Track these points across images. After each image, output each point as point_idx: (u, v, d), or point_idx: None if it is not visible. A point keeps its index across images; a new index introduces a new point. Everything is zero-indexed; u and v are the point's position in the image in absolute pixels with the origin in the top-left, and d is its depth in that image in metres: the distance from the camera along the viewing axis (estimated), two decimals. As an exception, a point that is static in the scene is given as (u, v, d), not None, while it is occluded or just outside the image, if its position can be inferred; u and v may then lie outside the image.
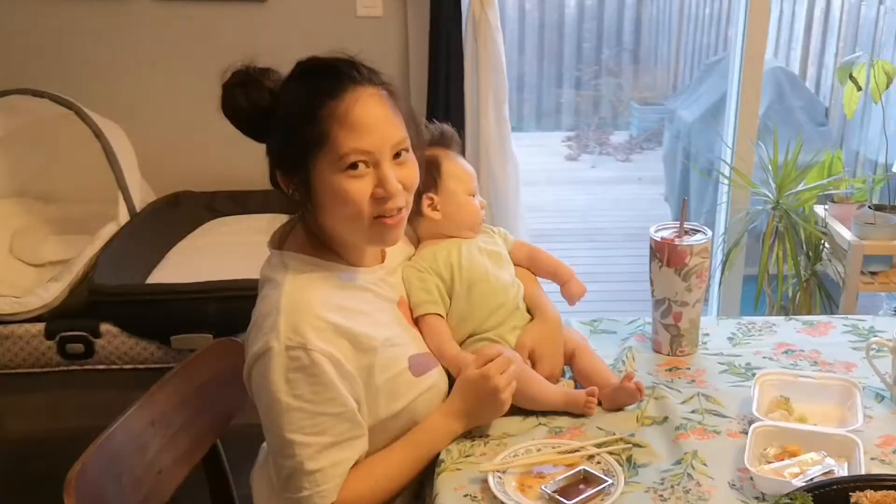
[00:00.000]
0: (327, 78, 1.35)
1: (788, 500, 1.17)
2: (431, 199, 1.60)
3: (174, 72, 2.92)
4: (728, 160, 3.06)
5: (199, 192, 2.87)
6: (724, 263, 2.84)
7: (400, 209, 1.39)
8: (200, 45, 2.84)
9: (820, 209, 2.92)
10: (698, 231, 1.73)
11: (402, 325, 1.51)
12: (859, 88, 2.65)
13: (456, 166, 1.63)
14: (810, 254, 2.81)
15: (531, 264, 1.74)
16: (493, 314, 1.59)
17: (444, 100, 2.77)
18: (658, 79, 7.64)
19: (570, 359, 1.64)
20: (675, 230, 1.73)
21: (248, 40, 2.84)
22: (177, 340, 2.19)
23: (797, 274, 2.76)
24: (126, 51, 2.95)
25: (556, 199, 5.93)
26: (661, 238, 1.70)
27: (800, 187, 2.82)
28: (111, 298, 2.23)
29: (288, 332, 1.31)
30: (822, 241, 2.84)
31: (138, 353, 2.24)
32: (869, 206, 2.73)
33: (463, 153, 1.69)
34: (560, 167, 6.96)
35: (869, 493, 1.19)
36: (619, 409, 1.55)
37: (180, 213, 2.73)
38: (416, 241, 1.67)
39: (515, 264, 1.71)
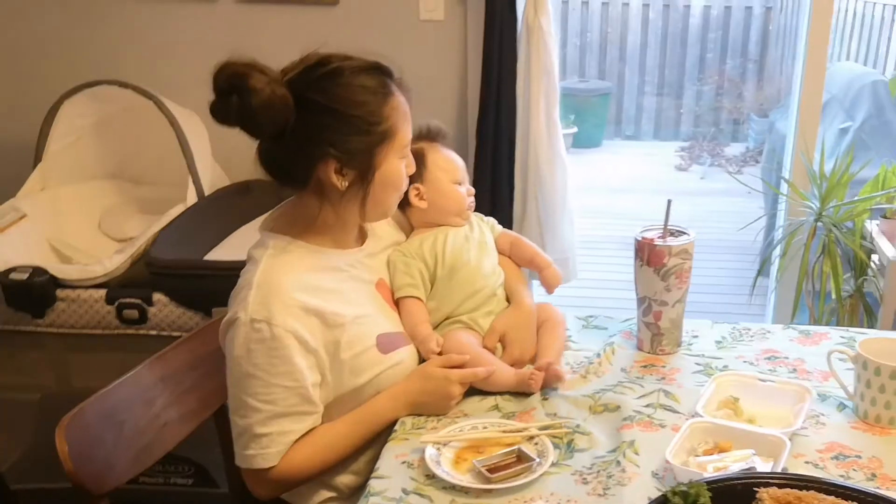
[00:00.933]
0: (381, 76, 1.50)
1: (684, 488, 1.21)
2: (418, 188, 1.71)
3: (253, 68, 3.11)
4: (788, 171, 3.02)
5: (271, 180, 3.05)
6: (759, 272, 2.82)
7: None
8: (276, 43, 2.92)
9: (871, 224, 2.84)
10: (684, 233, 1.77)
11: (376, 304, 1.63)
12: (915, 103, 2.57)
13: (440, 157, 1.74)
14: (855, 269, 2.75)
15: (512, 252, 1.83)
16: (469, 298, 1.69)
17: (495, 101, 2.85)
18: (782, 91, 7.43)
19: (538, 329, 1.74)
20: (660, 230, 1.78)
21: (320, 40, 3.00)
22: (216, 312, 2.37)
23: (837, 289, 2.71)
24: (208, 47, 3.12)
25: (654, 208, 5.87)
26: (643, 238, 1.75)
27: (846, 201, 2.76)
28: (162, 270, 2.44)
29: (255, 306, 1.44)
30: (871, 258, 2.77)
31: (184, 322, 2.45)
32: (918, 223, 2.66)
33: (507, 151, 1.78)
34: (668, 177, 6.90)
35: (772, 489, 1.21)
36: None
37: (249, 198, 2.90)
38: (409, 230, 1.78)
39: (500, 252, 1.81)
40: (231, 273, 1.58)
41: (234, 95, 1.39)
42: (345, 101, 1.45)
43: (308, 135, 1.44)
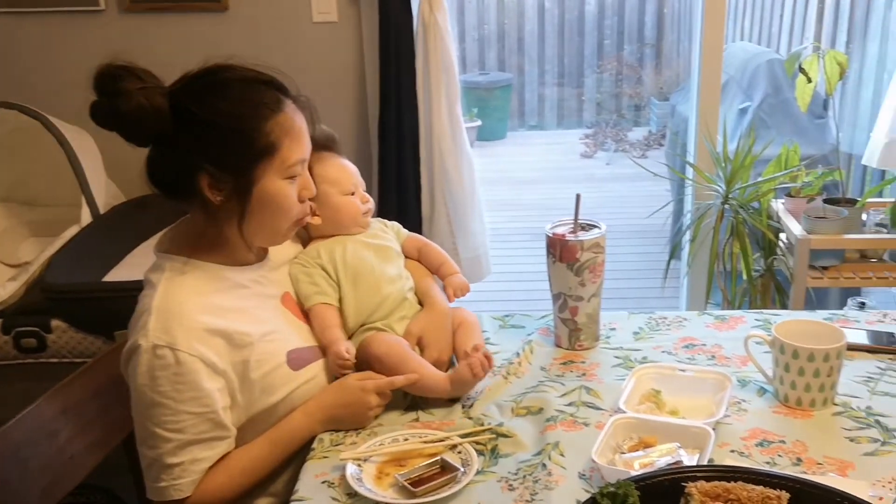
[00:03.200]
0: (270, 91, 1.43)
1: (612, 489, 1.18)
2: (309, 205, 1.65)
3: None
4: (692, 155, 3.06)
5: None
6: (670, 257, 2.86)
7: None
8: (166, 53, 2.89)
9: (777, 204, 2.89)
10: (595, 226, 1.75)
11: (285, 319, 1.57)
12: (809, 80, 2.62)
13: (328, 168, 1.66)
14: (764, 249, 2.80)
15: (420, 257, 1.80)
16: (379, 306, 1.65)
17: (395, 101, 2.81)
18: (680, 73, 7.58)
19: (453, 333, 1.71)
20: (571, 225, 1.75)
21: (212, 47, 2.91)
22: (120, 336, 2.29)
23: (747, 269, 2.75)
24: (95, 61, 3.04)
25: (563, 197, 5.92)
26: (554, 233, 1.72)
27: (751, 182, 2.81)
28: (59, 295, 2.34)
29: (157, 332, 1.37)
30: (779, 237, 2.83)
31: (86, 347, 2.36)
32: (824, 200, 2.71)
33: (411, 150, 1.71)
34: (574, 165, 6.97)
35: (700, 483, 1.20)
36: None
37: (147, 214, 2.80)
38: (306, 239, 1.73)
39: (408, 257, 1.77)
40: (132, 294, 1.51)
41: (103, 97, 1.37)
42: (222, 114, 1.39)
43: (182, 146, 1.40)
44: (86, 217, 2.67)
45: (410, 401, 1.60)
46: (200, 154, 1.39)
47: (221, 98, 1.40)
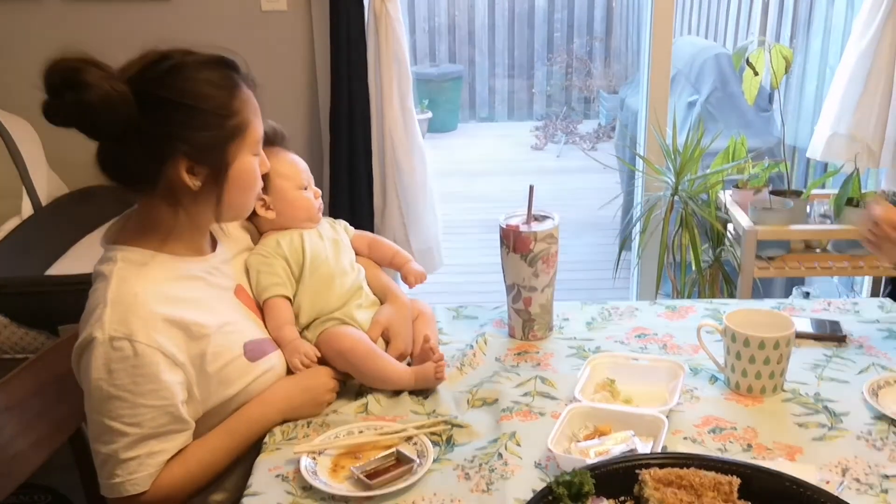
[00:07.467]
0: (225, 70, 1.41)
1: (569, 477, 1.19)
2: (263, 199, 1.63)
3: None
4: (642, 147, 3.09)
5: (114, 186, 2.90)
6: (621, 248, 2.89)
7: None
8: (109, 42, 2.80)
9: (725, 195, 2.93)
10: (548, 217, 1.76)
11: (240, 311, 1.55)
12: (756, 74, 2.66)
13: (282, 163, 1.65)
14: (712, 240, 2.84)
15: (371, 252, 1.80)
16: (337, 297, 1.64)
17: (347, 91, 2.79)
18: (629, 67, 7.65)
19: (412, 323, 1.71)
20: (524, 217, 1.76)
21: (155, 37, 2.86)
22: (64, 330, 2.24)
23: (696, 260, 2.79)
24: (37, 49, 2.99)
25: (514, 189, 5.95)
26: (507, 225, 1.72)
27: (699, 174, 2.85)
28: (0, 290, 2.27)
29: (113, 324, 1.33)
30: (727, 228, 2.87)
31: (29, 342, 2.30)
32: (770, 192, 2.75)
33: (363, 142, 1.70)
34: (524, 157, 7.00)
35: (654, 470, 1.21)
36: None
37: (90, 206, 2.75)
38: (255, 232, 1.71)
39: (358, 253, 1.77)
40: (77, 287, 1.47)
41: (68, 92, 1.29)
42: (192, 95, 1.36)
43: (155, 132, 1.35)
44: (27, 209, 2.61)
45: (360, 388, 1.60)
46: (176, 138, 1.36)
47: (187, 80, 1.36)
